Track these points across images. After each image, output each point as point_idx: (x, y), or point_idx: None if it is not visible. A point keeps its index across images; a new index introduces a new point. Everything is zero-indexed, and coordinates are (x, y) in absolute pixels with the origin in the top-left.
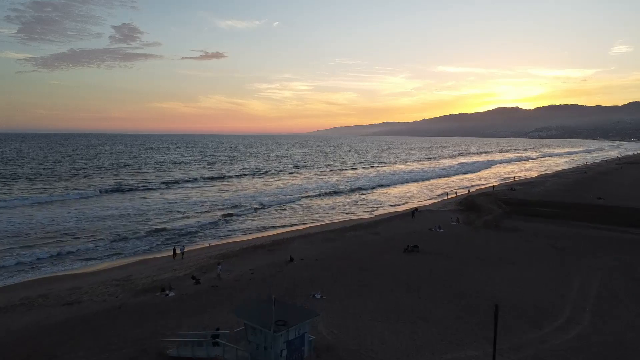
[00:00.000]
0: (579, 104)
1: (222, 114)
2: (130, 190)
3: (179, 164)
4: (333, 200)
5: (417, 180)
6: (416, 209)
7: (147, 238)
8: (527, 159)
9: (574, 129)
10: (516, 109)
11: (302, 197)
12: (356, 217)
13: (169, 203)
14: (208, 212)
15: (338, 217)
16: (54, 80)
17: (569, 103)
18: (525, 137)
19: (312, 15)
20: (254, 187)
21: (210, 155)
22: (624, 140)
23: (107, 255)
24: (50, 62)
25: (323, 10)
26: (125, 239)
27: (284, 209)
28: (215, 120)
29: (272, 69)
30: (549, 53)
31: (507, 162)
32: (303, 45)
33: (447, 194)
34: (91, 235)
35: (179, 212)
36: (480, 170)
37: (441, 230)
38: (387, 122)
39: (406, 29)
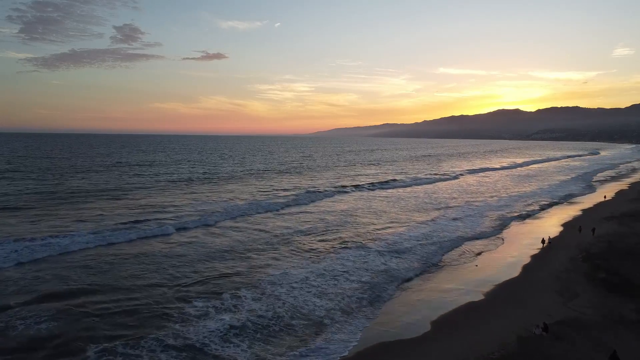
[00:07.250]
0: (581, 106)
1: (223, 115)
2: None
3: (128, 189)
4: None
5: (474, 219)
6: (546, 326)
7: None
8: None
9: (577, 131)
10: (517, 111)
11: (287, 261)
12: (385, 339)
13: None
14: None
15: (339, 333)
16: (55, 80)
17: (571, 105)
18: (528, 140)
19: (313, 16)
20: (210, 244)
21: (188, 167)
22: (631, 143)
23: None
24: (52, 62)
25: (324, 11)
26: None
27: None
28: (216, 120)
29: (273, 70)
30: (550, 55)
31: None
32: (304, 46)
33: (545, 241)
34: None
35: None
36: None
37: None
38: (387, 124)
39: (407, 31)
